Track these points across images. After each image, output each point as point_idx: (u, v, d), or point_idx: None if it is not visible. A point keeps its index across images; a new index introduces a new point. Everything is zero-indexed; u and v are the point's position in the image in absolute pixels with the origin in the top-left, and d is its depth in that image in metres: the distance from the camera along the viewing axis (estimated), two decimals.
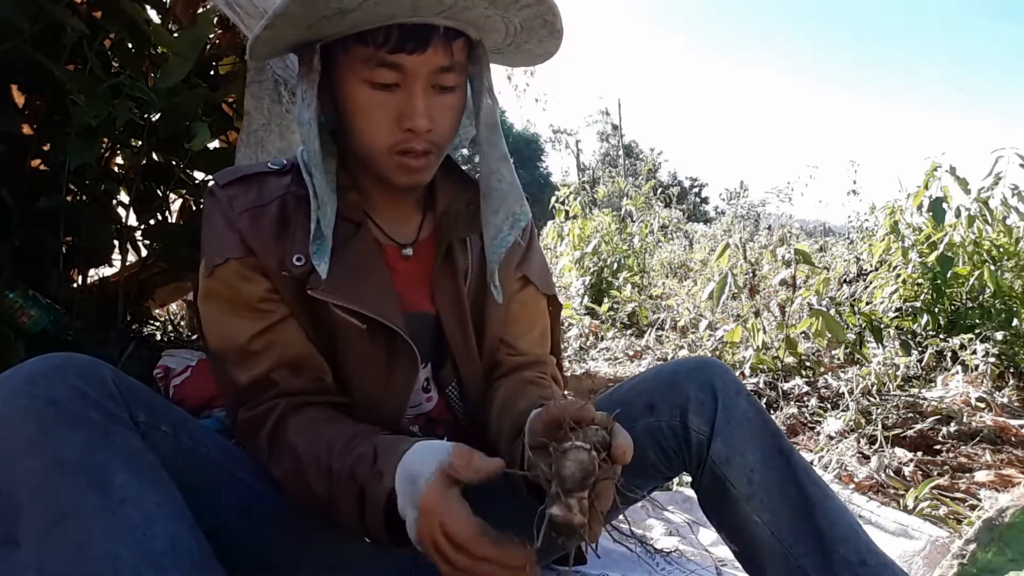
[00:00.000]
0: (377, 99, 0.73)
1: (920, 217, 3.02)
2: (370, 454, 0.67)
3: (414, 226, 0.88)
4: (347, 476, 0.67)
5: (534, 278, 0.94)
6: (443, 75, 0.73)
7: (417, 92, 0.72)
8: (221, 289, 0.77)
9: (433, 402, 0.88)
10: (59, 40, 1.52)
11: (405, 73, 0.71)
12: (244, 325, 0.77)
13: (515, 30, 0.76)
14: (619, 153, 19.93)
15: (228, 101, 1.91)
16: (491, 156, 0.81)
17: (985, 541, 1.01)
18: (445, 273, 0.85)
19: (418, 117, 0.72)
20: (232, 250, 0.76)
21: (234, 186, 0.79)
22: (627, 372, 2.83)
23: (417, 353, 0.81)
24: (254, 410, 0.76)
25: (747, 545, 0.79)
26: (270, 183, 0.81)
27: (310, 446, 0.71)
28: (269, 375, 0.76)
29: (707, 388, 0.81)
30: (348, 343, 0.79)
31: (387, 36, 0.69)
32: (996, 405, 2.12)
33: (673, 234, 6.26)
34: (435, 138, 0.76)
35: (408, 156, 0.75)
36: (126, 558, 0.53)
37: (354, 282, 0.78)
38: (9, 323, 1.53)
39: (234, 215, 0.77)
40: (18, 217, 1.58)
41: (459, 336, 0.85)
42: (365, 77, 0.72)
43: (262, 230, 0.77)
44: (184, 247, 1.87)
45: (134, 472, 0.57)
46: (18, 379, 0.57)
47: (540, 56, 0.82)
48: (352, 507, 0.66)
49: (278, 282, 0.77)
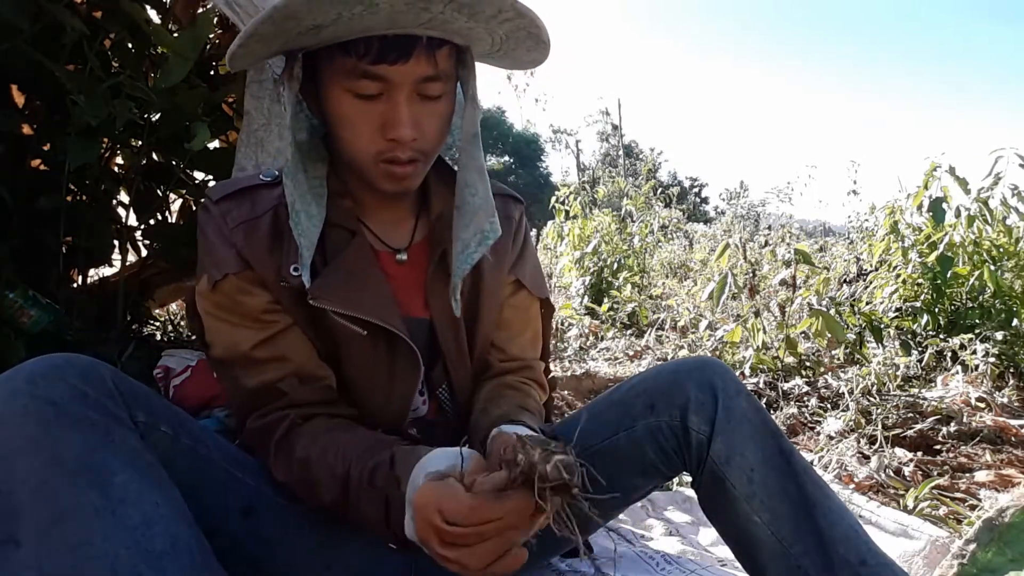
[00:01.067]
0: (360, 108, 0.72)
1: (920, 217, 3.02)
2: (387, 460, 0.67)
3: (408, 230, 0.88)
4: (367, 484, 0.67)
5: (527, 281, 0.94)
6: (428, 84, 0.73)
7: (401, 102, 0.71)
8: (224, 302, 0.78)
9: (427, 405, 0.88)
10: (59, 40, 1.51)
11: (388, 83, 0.71)
12: (248, 335, 0.77)
13: (500, 39, 0.75)
14: (619, 153, 19.93)
15: (228, 101, 1.91)
16: (468, 167, 0.80)
17: (985, 541, 1.01)
18: (439, 278, 0.85)
19: (402, 127, 0.71)
20: (230, 265, 0.77)
21: (227, 201, 0.80)
22: (627, 372, 2.83)
23: (419, 356, 0.81)
24: (263, 419, 0.76)
25: (747, 545, 0.79)
26: (262, 195, 0.81)
27: (324, 455, 0.71)
28: (276, 384, 0.77)
29: (707, 388, 0.81)
30: (350, 349, 0.80)
31: (368, 47, 0.68)
32: (996, 405, 2.12)
33: (673, 234, 6.25)
34: (421, 146, 0.75)
35: (394, 164, 0.75)
36: (125, 558, 0.53)
37: (352, 289, 0.78)
38: (9, 323, 1.53)
39: (228, 229, 0.78)
40: (18, 217, 1.57)
41: (451, 341, 0.86)
42: (348, 87, 0.71)
43: (257, 243, 0.77)
44: (184, 247, 1.86)
45: (134, 472, 0.57)
46: (19, 379, 0.57)
47: (529, 63, 0.81)
48: (379, 513, 0.66)
49: (278, 293, 0.77)
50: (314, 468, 0.71)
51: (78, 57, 1.55)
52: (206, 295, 0.78)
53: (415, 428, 0.88)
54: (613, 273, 4.53)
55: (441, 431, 0.90)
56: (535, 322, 0.97)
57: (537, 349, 0.98)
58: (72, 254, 1.78)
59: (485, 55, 0.79)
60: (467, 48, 0.76)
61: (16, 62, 1.47)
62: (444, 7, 0.65)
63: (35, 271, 1.67)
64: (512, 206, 0.95)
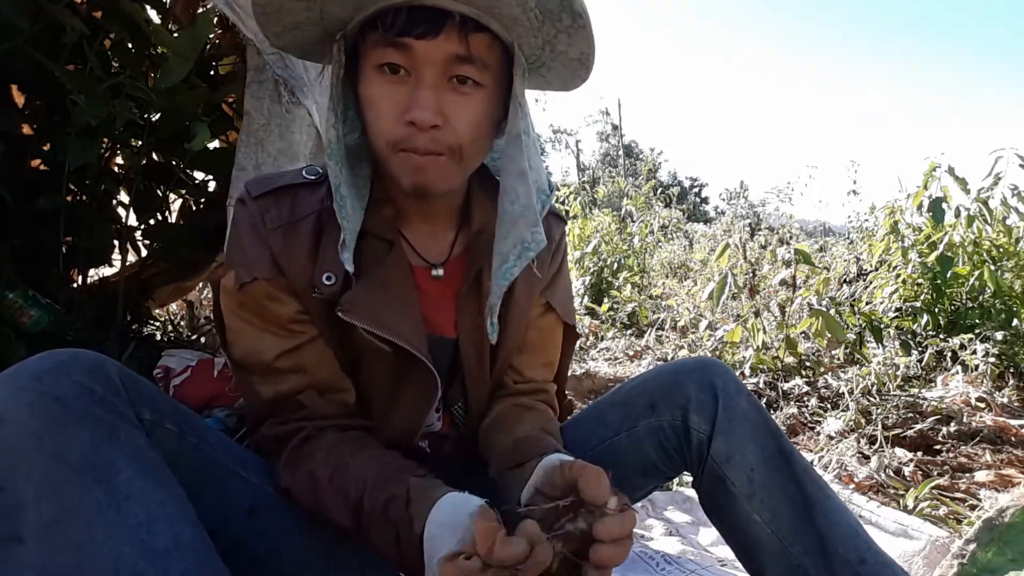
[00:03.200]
0: (387, 90, 0.69)
1: (920, 217, 3.02)
2: (403, 495, 0.66)
3: (446, 243, 0.84)
4: (380, 513, 0.66)
5: (556, 305, 0.91)
6: (459, 65, 0.67)
7: (426, 82, 0.67)
8: (250, 304, 0.75)
9: (440, 420, 0.88)
10: (59, 40, 1.51)
11: (415, 59, 0.67)
12: (272, 343, 0.75)
13: (535, 17, 0.68)
14: (619, 153, 19.93)
15: (228, 101, 1.91)
16: (509, 171, 0.74)
17: (985, 541, 1.01)
18: (470, 298, 0.83)
19: (420, 109, 0.67)
20: (262, 269, 0.74)
21: (266, 198, 0.76)
22: (627, 372, 2.83)
23: (439, 380, 0.80)
24: (280, 428, 0.76)
25: (747, 544, 0.79)
26: (304, 197, 0.77)
27: (336, 476, 0.70)
28: (296, 396, 0.76)
29: (708, 388, 0.81)
30: (371, 363, 0.79)
31: (396, 17, 0.66)
32: (996, 405, 2.12)
33: (673, 234, 6.26)
34: (447, 138, 0.69)
35: (412, 153, 0.69)
36: (129, 556, 0.52)
37: (383, 305, 0.75)
38: (9, 323, 1.52)
39: (266, 231, 0.74)
40: (18, 217, 1.57)
41: (474, 361, 0.84)
42: (376, 62, 0.68)
43: (294, 249, 0.74)
44: (184, 247, 1.87)
45: (138, 469, 0.57)
46: (24, 375, 0.57)
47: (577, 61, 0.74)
48: (391, 545, 0.65)
49: (308, 303, 0.75)
50: (324, 489, 0.70)
51: (78, 57, 1.55)
52: (232, 293, 0.75)
53: (426, 441, 0.88)
54: (613, 273, 4.54)
55: (451, 444, 0.90)
56: (556, 346, 0.94)
57: (553, 373, 0.95)
58: (72, 254, 1.78)
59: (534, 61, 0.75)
60: (514, 46, 0.71)
61: (16, 62, 1.47)
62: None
63: (35, 271, 1.67)
64: (554, 225, 0.90)
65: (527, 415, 0.84)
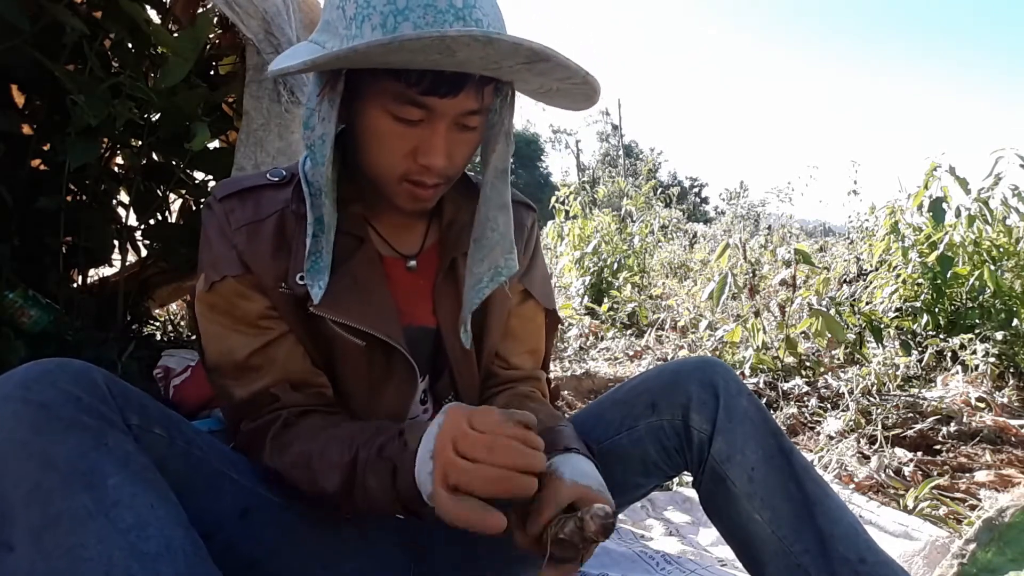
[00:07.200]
0: (398, 131, 0.71)
1: (920, 217, 3.02)
2: (397, 433, 0.67)
3: (418, 235, 0.86)
4: (375, 456, 0.67)
5: (535, 291, 0.93)
6: (469, 117, 0.72)
7: (440, 131, 0.71)
8: (220, 304, 0.76)
9: (429, 413, 0.88)
10: (59, 40, 1.51)
11: (432, 112, 0.70)
12: (243, 341, 0.76)
13: (553, 90, 0.74)
14: (619, 153, 19.95)
15: (228, 101, 1.91)
16: (492, 203, 0.80)
17: (985, 541, 1.01)
18: (447, 286, 0.84)
19: (436, 156, 0.71)
20: (229, 267, 0.76)
21: (231, 199, 0.78)
22: (627, 372, 2.83)
23: (416, 369, 0.81)
24: (255, 422, 0.76)
25: (747, 543, 0.79)
26: (268, 196, 0.79)
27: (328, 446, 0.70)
28: (269, 390, 0.76)
29: (709, 387, 0.81)
30: (346, 358, 0.79)
31: (421, 77, 0.67)
32: (996, 405, 2.12)
33: (673, 234, 6.25)
34: (448, 172, 0.75)
35: (418, 187, 0.74)
36: (119, 560, 0.52)
37: (355, 298, 0.77)
38: (9, 323, 1.53)
39: (231, 230, 0.76)
40: (18, 217, 1.58)
41: (459, 350, 0.85)
42: (390, 110, 0.70)
43: (259, 246, 0.76)
44: (184, 247, 1.87)
45: (127, 474, 0.57)
46: (10, 384, 0.57)
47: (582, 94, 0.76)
48: (386, 482, 0.66)
49: (276, 299, 0.76)
50: (315, 459, 0.71)
51: (78, 57, 1.55)
52: (203, 296, 0.77)
53: None
54: (613, 273, 4.54)
55: None
56: (539, 333, 0.96)
57: (539, 361, 0.97)
58: (72, 254, 1.78)
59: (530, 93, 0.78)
60: (509, 84, 0.75)
61: (16, 62, 1.48)
62: (515, 64, 0.65)
63: (35, 271, 1.67)
64: (525, 214, 0.94)
65: (532, 407, 0.84)
